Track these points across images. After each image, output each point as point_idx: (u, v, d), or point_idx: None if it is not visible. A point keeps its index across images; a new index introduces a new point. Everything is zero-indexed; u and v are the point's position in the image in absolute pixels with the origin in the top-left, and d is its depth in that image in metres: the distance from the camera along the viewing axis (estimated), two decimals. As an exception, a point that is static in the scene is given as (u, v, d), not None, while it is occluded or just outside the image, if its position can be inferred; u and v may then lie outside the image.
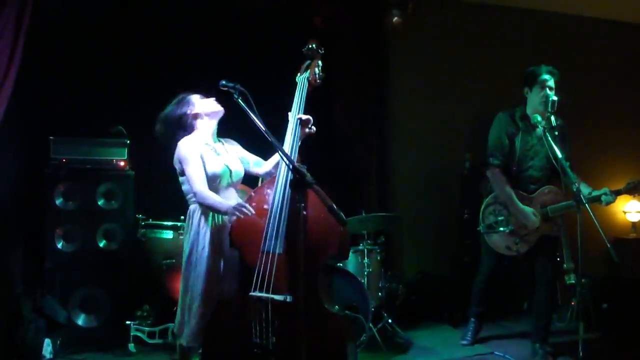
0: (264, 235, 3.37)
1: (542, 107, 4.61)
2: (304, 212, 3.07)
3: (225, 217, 3.60)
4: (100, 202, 5.14)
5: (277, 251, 3.33)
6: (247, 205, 3.41)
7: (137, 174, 5.25)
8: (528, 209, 4.70)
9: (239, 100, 3.32)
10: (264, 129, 3.26)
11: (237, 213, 3.38)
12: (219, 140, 3.84)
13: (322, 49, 3.76)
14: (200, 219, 3.62)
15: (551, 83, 4.73)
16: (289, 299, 3.21)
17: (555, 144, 4.24)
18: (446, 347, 5.25)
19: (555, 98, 4.52)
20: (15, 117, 4.89)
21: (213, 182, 3.60)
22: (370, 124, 6.38)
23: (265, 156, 3.93)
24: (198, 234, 3.61)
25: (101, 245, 5.11)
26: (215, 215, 3.60)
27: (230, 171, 3.69)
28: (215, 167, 3.61)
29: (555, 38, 6.87)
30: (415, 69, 6.60)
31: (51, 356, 4.65)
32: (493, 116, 4.98)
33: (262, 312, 3.29)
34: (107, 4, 5.48)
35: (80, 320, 5.05)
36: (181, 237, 4.87)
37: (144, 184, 5.32)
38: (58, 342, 4.79)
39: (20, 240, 5.19)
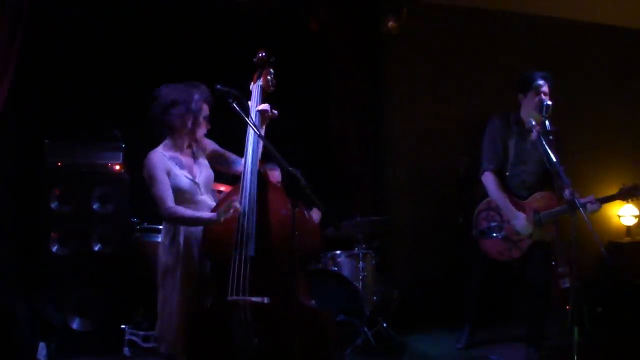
0: (235, 239, 3.40)
1: (537, 111, 4.62)
2: (278, 213, 3.10)
3: (196, 229, 3.61)
4: (95, 206, 5.13)
5: (249, 254, 3.37)
6: (228, 206, 3.40)
7: (132, 178, 5.24)
8: (521, 215, 4.72)
9: (234, 104, 3.35)
10: (258, 133, 3.29)
11: (223, 217, 3.38)
12: (190, 147, 3.78)
13: (272, 57, 3.86)
14: (172, 230, 3.63)
15: (545, 88, 4.73)
16: (266, 300, 3.25)
17: (550, 149, 4.25)
18: (441, 351, 5.26)
19: (549, 103, 4.53)
20: (11, 120, 4.90)
21: (182, 196, 3.59)
22: (365, 127, 6.39)
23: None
24: (170, 249, 3.61)
25: (96, 248, 5.11)
26: (177, 229, 3.61)
27: (197, 184, 3.66)
28: (180, 183, 3.59)
29: (548, 43, 6.88)
30: (410, 73, 6.60)
31: (46, 360, 4.65)
32: (487, 120, 4.99)
33: (242, 315, 3.33)
34: (103, 7, 5.48)
35: (75, 324, 5.04)
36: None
37: (139, 188, 5.31)
38: (53, 345, 4.78)
39: (15, 244, 5.19)
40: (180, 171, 3.62)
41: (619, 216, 7.08)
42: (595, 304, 5.81)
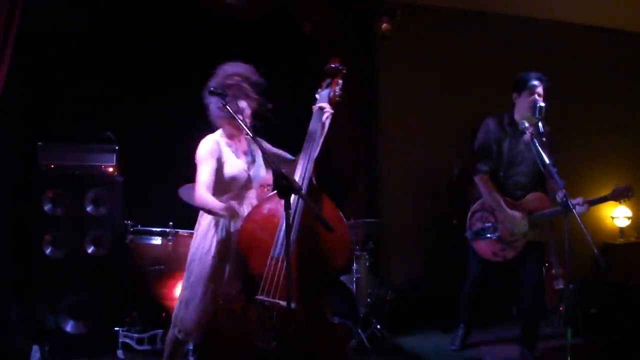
0: (274, 241, 3.40)
1: (530, 112, 4.62)
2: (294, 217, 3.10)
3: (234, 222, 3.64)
4: (88, 208, 5.11)
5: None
6: (231, 204, 3.48)
7: (125, 180, 5.24)
8: (515, 216, 4.72)
9: (227, 106, 3.36)
10: (251, 134, 3.30)
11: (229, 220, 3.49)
12: (249, 139, 3.80)
13: (344, 67, 3.85)
14: (210, 220, 3.66)
15: (540, 89, 4.74)
16: (293, 305, 3.24)
17: (543, 150, 4.25)
18: (435, 353, 5.27)
19: (543, 104, 4.55)
20: (3, 122, 4.88)
21: (230, 185, 3.64)
22: (359, 130, 6.39)
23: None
24: (206, 234, 3.65)
25: (89, 251, 5.09)
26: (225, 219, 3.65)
27: (248, 175, 3.70)
28: (231, 170, 3.63)
29: (542, 44, 6.90)
30: (404, 75, 6.61)
31: (39, 363, 4.63)
32: (481, 122, 5.00)
33: (267, 316, 3.32)
34: (96, 9, 5.47)
35: (69, 327, 5.01)
36: (169, 243, 4.88)
37: (133, 190, 5.31)
38: (46, 348, 4.77)
39: (9, 246, 5.17)
40: (236, 159, 3.67)
41: (613, 217, 7.11)
42: (588, 305, 5.81)
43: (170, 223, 4.99)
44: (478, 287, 5.24)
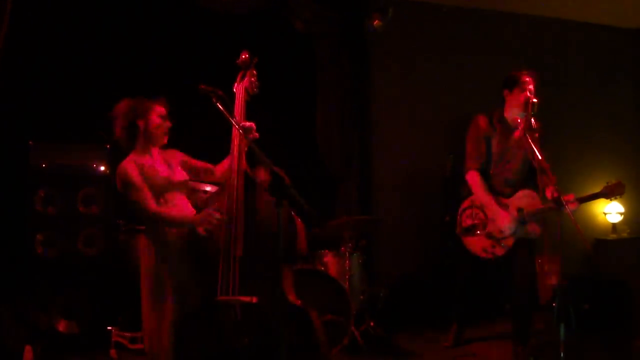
0: (224, 239, 3.41)
1: (523, 109, 4.64)
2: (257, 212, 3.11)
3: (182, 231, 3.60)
4: (80, 207, 5.10)
5: (237, 254, 3.40)
6: (212, 212, 3.43)
7: (117, 179, 5.22)
8: (505, 214, 4.72)
9: (218, 104, 3.35)
10: (242, 133, 3.29)
11: (207, 222, 3.42)
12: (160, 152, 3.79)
13: (255, 58, 3.82)
14: (158, 234, 3.60)
15: (532, 86, 4.75)
16: (254, 299, 3.26)
17: (535, 146, 4.26)
18: (429, 350, 5.27)
19: (535, 100, 4.56)
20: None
21: (157, 195, 3.58)
22: (351, 127, 6.39)
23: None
24: (155, 254, 3.58)
25: (82, 250, 5.08)
26: (162, 233, 3.59)
27: (171, 182, 3.65)
28: (155, 182, 3.57)
29: (534, 41, 6.92)
30: (396, 72, 6.62)
31: (32, 363, 4.62)
32: (471, 120, 5.01)
33: (231, 314, 3.33)
34: (87, 9, 5.46)
35: (61, 326, 5.01)
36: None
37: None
38: (39, 348, 4.75)
39: (0, 246, 5.15)
40: (154, 170, 3.62)
41: (605, 213, 7.12)
42: (581, 301, 5.82)
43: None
44: (469, 284, 5.24)
